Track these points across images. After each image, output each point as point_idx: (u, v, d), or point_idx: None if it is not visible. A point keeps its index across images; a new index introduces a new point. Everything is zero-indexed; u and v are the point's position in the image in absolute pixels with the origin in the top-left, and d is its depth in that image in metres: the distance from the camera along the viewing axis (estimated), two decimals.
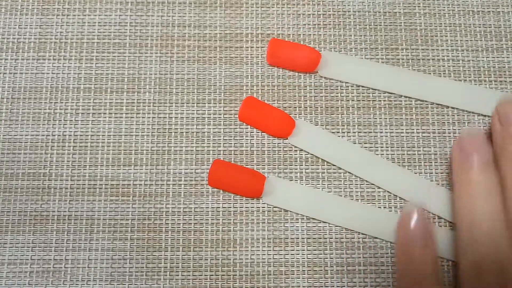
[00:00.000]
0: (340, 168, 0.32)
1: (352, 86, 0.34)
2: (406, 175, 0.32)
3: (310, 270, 0.31)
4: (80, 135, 0.33)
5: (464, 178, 0.28)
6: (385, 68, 0.33)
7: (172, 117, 0.33)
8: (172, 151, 0.33)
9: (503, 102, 0.30)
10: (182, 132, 0.33)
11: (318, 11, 0.35)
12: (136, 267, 0.31)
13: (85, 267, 0.31)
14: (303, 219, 0.32)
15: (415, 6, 0.35)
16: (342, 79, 0.33)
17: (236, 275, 0.31)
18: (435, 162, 0.33)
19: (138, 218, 0.32)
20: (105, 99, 0.33)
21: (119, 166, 0.32)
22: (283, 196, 0.31)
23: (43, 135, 0.33)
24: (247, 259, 0.31)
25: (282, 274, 0.31)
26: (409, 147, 0.33)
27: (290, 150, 0.33)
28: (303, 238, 0.31)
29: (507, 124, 0.28)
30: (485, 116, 0.33)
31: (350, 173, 0.32)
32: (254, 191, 0.31)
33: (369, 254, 0.31)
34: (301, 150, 0.33)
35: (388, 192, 0.32)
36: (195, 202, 0.32)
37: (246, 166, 0.32)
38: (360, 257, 0.31)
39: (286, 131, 0.32)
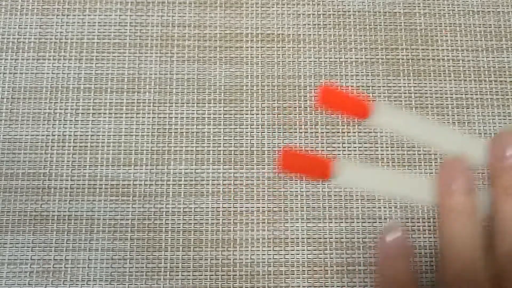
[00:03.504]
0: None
1: (352, 86, 0.34)
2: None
3: (310, 270, 0.31)
4: (80, 135, 0.33)
5: (446, 202, 0.29)
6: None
7: (172, 117, 0.33)
8: (172, 151, 0.33)
9: (502, 133, 0.30)
10: (182, 132, 0.33)
11: (318, 11, 0.35)
12: (136, 267, 0.31)
13: (85, 267, 0.31)
14: (303, 219, 0.32)
15: (415, 6, 0.35)
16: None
17: (236, 275, 0.31)
18: (435, 162, 0.33)
19: (138, 218, 0.32)
20: (105, 99, 0.33)
21: (119, 166, 0.32)
22: (351, 177, 0.32)
23: (43, 135, 0.33)
24: (247, 259, 0.31)
25: (282, 274, 0.31)
26: (409, 147, 0.33)
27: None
28: (303, 238, 0.31)
29: (500, 157, 0.29)
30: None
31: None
32: (323, 173, 0.31)
33: (369, 254, 0.31)
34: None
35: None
36: (195, 202, 0.32)
37: (247, 167, 0.32)
38: (360, 257, 0.31)
39: (364, 113, 0.32)
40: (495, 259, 0.28)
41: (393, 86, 0.34)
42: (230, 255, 0.31)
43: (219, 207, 0.32)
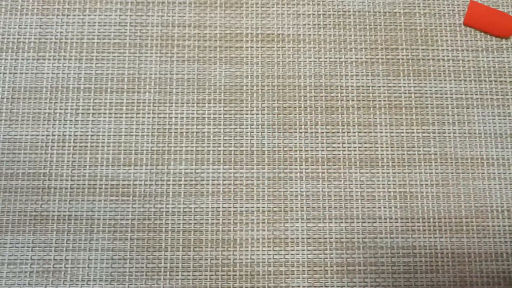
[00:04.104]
0: (340, 168, 0.32)
1: (352, 86, 0.34)
2: None
3: (310, 270, 0.31)
4: (80, 135, 0.33)
5: None
6: None
7: (172, 117, 0.33)
8: (172, 151, 0.33)
9: None
10: (182, 132, 0.33)
11: (318, 11, 0.35)
12: (136, 267, 0.31)
13: (85, 267, 0.31)
14: (303, 219, 0.32)
15: (415, 6, 0.35)
16: None
17: (236, 275, 0.31)
18: (435, 162, 0.33)
19: (138, 218, 0.32)
20: (105, 99, 0.33)
21: (119, 166, 0.32)
22: None
23: (43, 135, 0.33)
24: (247, 259, 0.31)
25: (282, 274, 0.31)
26: (409, 147, 0.33)
27: (290, 151, 0.33)
28: (303, 238, 0.31)
29: None
30: (484, 109, 0.33)
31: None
32: (506, 31, 0.31)
33: (369, 254, 0.31)
34: (301, 150, 0.33)
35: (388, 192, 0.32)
36: (195, 202, 0.32)
37: (247, 167, 0.32)
38: (360, 257, 0.31)
39: (508, 31, 0.32)
40: None
41: (393, 86, 0.34)
42: (230, 255, 0.31)
43: (219, 207, 0.32)
